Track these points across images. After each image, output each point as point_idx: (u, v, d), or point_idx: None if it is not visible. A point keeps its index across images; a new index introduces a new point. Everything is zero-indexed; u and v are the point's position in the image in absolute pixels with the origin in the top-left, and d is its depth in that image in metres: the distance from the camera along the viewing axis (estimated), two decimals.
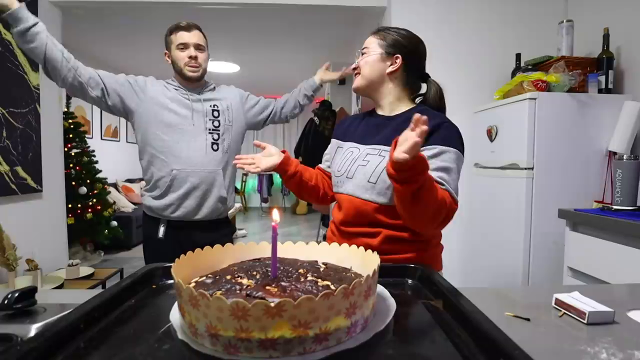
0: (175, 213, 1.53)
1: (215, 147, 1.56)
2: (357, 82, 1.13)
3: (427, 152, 0.96)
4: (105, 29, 4.18)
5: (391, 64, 1.08)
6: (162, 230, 1.55)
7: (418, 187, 0.84)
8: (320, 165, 1.31)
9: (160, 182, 1.53)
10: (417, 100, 1.17)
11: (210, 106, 1.59)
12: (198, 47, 1.54)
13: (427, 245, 1.05)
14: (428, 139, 0.97)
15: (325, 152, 1.31)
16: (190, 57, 1.52)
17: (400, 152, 0.78)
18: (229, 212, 1.71)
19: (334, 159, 1.18)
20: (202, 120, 1.55)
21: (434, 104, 1.11)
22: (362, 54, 1.12)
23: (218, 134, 1.58)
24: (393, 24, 2.57)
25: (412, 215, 0.91)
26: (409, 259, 0.98)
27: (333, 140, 1.24)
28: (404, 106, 1.11)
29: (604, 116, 1.98)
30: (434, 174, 0.94)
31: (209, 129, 1.56)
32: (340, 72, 1.78)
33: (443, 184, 0.94)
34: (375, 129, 1.11)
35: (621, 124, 1.92)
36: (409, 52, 1.09)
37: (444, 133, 0.99)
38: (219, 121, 1.59)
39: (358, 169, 1.05)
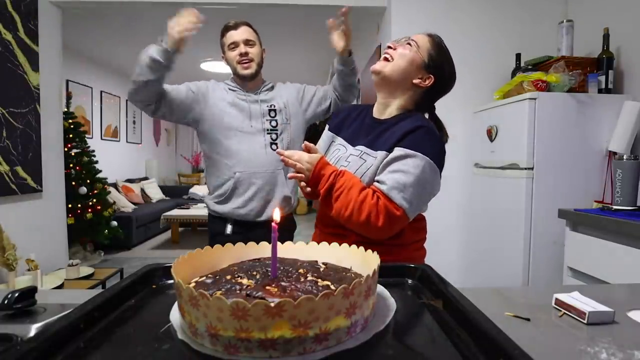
0: (242, 214, 1.54)
1: (274, 146, 1.56)
2: (381, 66, 1.03)
3: (393, 152, 0.94)
4: (105, 29, 4.18)
5: (421, 77, 1.02)
6: (229, 228, 1.56)
7: (324, 195, 0.95)
8: None
9: (224, 186, 1.55)
10: None
11: (268, 106, 1.59)
12: (247, 42, 1.54)
13: (401, 249, 1.02)
14: (400, 140, 0.95)
15: (320, 141, 1.24)
16: (240, 55, 1.52)
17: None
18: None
19: (327, 153, 1.14)
20: (260, 121, 1.56)
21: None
22: (408, 43, 1.03)
23: (276, 134, 1.58)
24: (393, 24, 2.59)
25: (339, 219, 0.95)
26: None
27: (327, 131, 1.20)
28: (396, 109, 1.06)
29: (604, 116, 1.98)
30: (386, 176, 0.93)
31: (267, 129, 1.56)
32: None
33: (384, 184, 0.92)
34: (366, 130, 1.08)
35: (621, 124, 1.92)
36: (443, 81, 1.04)
37: (418, 137, 0.94)
38: (276, 121, 1.59)
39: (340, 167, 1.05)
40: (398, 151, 0.94)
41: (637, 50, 2.01)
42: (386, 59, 1.03)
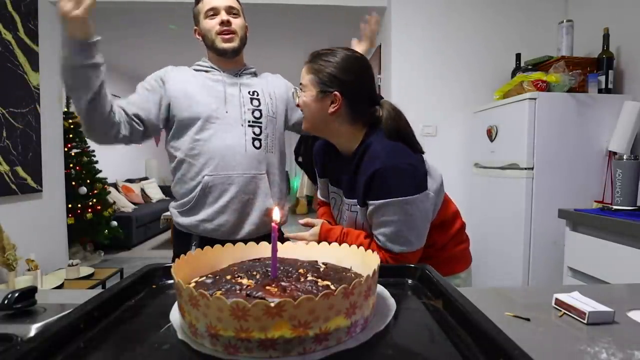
0: (209, 230, 1.21)
1: (257, 143, 1.23)
2: (304, 124, 1.03)
3: (368, 209, 0.94)
4: (105, 29, 4.18)
5: (332, 103, 0.94)
6: (193, 248, 1.22)
7: None
8: (319, 197, 1.26)
9: (190, 194, 1.22)
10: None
11: (250, 93, 1.27)
12: (231, 10, 1.23)
13: (443, 251, 1.06)
14: (366, 194, 0.92)
15: (319, 185, 1.22)
16: (222, 23, 1.21)
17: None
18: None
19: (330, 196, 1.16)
20: (239, 109, 1.23)
21: (392, 128, 0.96)
22: (301, 90, 0.99)
23: (260, 128, 1.25)
24: (393, 24, 2.59)
25: None
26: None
27: (318, 177, 1.19)
28: (357, 140, 0.98)
29: (604, 116, 1.98)
30: (375, 231, 0.95)
31: (249, 121, 1.23)
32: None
33: (379, 241, 0.94)
34: (340, 171, 1.05)
35: (621, 124, 1.92)
36: (349, 85, 0.94)
37: (378, 185, 0.90)
38: (260, 111, 1.26)
39: (343, 223, 1.08)
40: (371, 206, 0.92)
41: (637, 50, 2.01)
42: (304, 116, 1.02)
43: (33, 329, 0.59)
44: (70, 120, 3.86)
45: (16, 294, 0.64)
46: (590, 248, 1.62)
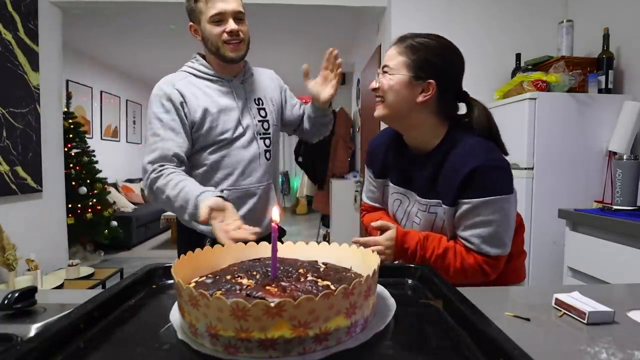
0: None
1: (268, 155, 1.24)
2: (380, 110, 0.93)
3: (461, 206, 0.87)
4: (105, 29, 4.18)
5: (422, 91, 0.88)
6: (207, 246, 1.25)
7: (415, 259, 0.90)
8: (366, 202, 1.15)
9: None
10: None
11: (256, 102, 1.24)
12: (238, 16, 1.14)
13: (508, 265, 0.96)
14: (462, 191, 0.86)
15: (367, 187, 1.14)
16: (230, 33, 1.13)
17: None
18: None
19: (386, 197, 1.07)
20: (252, 122, 1.22)
21: (485, 128, 0.94)
22: (384, 72, 0.91)
23: (269, 139, 1.25)
24: (393, 25, 2.59)
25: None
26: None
27: (373, 178, 1.09)
28: (439, 135, 0.93)
29: (604, 116, 1.98)
30: (467, 233, 0.88)
31: (260, 134, 1.22)
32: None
33: (472, 243, 0.87)
34: (412, 170, 0.97)
35: (621, 124, 1.92)
36: (445, 75, 0.89)
37: (479, 182, 0.85)
38: (267, 122, 1.25)
39: (413, 226, 0.99)
40: (466, 205, 0.86)
41: (637, 50, 2.01)
42: (379, 99, 0.93)
43: (33, 329, 0.59)
44: (70, 120, 3.86)
45: (16, 294, 0.64)
46: (590, 248, 1.62)
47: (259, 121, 1.23)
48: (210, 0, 1.12)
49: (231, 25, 1.12)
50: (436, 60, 0.88)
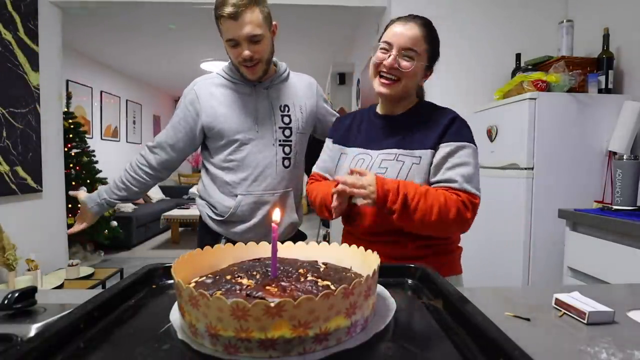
0: (239, 239, 1.19)
1: (287, 162, 1.24)
2: (391, 89, 0.98)
3: (442, 149, 0.96)
4: (105, 29, 4.18)
5: (425, 76, 1.05)
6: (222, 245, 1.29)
7: (401, 209, 0.89)
8: (316, 171, 1.16)
9: (220, 208, 1.25)
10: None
11: (280, 109, 1.24)
12: (252, 39, 1.12)
13: (449, 246, 1.07)
14: (443, 135, 0.97)
15: (322, 156, 1.16)
16: (244, 59, 1.14)
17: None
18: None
19: (339, 166, 1.07)
20: (271, 128, 1.22)
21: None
22: (409, 56, 0.96)
23: (290, 147, 1.25)
24: None
25: (419, 227, 0.92)
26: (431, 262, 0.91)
27: (332, 145, 1.12)
28: (413, 101, 1.07)
29: (604, 116, 1.98)
30: (450, 173, 0.94)
31: (279, 140, 1.23)
32: None
33: (455, 181, 0.93)
34: (383, 131, 1.04)
35: (621, 124, 1.92)
36: (436, 58, 1.05)
37: (458, 128, 0.98)
38: (290, 129, 1.25)
39: None
40: (448, 147, 0.96)
41: (637, 50, 2.01)
42: (394, 81, 0.98)
43: (33, 329, 0.59)
44: (70, 120, 3.86)
45: (16, 294, 0.64)
46: (590, 248, 1.62)
47: (280, 128, 1.24)
48: (225, 24, 1.11)
49: (244, 51, 1.13)
50: (437, 48, 1.03)
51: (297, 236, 1.41)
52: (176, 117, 1.27)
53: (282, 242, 0.64)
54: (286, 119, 1.25)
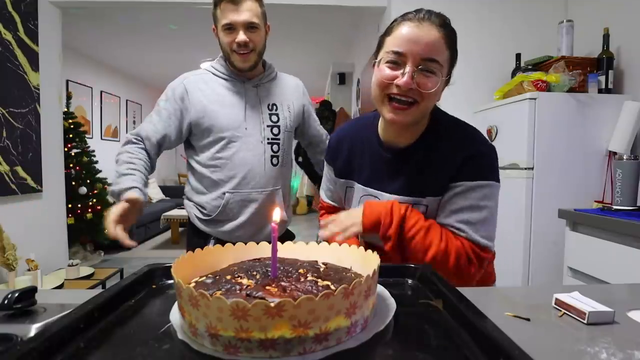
0: (226, 237, 1.23)
1: (275, 160, 1.26)
2: (408, 115, 0.76)
3: (452, 190, 0.81)
4: (105, 29, 4.18)
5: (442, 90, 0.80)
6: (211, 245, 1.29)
7: (395, 243, 0.78)
8: (325, 200, 1.07)
9: (209, 207, 1.25)
10: None
11: (269, 107, 1.25)
12: (250, 26, 1.15)
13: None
14: (455, 177, 0.80)
15: (327, 184, 1.05)
16: (239, 45, 1.15)
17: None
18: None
19: (347, 200, 0.96)
20: (259, 126, 1.23)
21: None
22: (429, 70, 0.73)
23: (278, 145, 1.26)
24: None
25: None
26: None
27: (334, 177, 0.98)
28: (421, 124, 0.85)
29: (604, 116, 1.98)
30: (453, 218, 0.80)
31: (268, 139, 1.24)
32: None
33: (462, 232, 0.81)
34: (387, 168, 0.87)
35: (621, 124, 1.92)
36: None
37: (478, 164, 0.80)
38: (278, 127, 1.26)
39: None
40: (460, 187, 0.79)
41: (637, 50, 2.01)
42: (408, 104, 0.76)
43: (33, 329, 0.59)
44: (70, 120, 3.86)
45: (16, 294, 0.64)
46: (590, 248, 1.62)
47: (268, 126, 1.24)
48: (224, 9, 1.14)
49: (240, 36, 1.14)
50: (457, 55, 0.81)
51: (286, 235, 1.43)
52: (165, 111, 1.22)
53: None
54: (274, 118, 1.26)
